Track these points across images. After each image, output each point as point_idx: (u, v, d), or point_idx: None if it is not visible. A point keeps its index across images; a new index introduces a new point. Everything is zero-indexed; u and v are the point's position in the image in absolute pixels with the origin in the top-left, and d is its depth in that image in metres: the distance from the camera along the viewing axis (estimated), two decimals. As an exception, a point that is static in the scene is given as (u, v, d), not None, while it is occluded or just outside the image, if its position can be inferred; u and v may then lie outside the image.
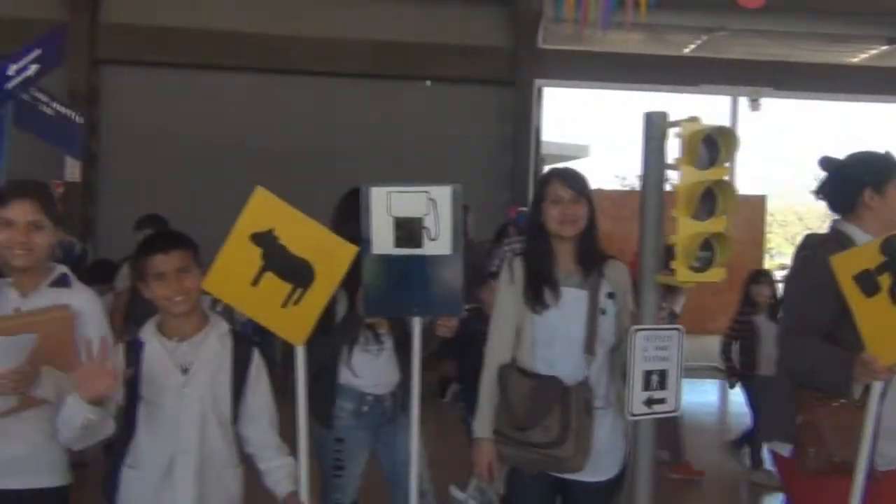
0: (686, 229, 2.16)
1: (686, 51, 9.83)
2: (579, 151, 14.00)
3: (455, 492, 2.67)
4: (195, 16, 8.88)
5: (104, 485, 2.28)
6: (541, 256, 2.53)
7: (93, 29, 8.75)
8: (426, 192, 2.39)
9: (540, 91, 9.60)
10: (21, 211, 2.15)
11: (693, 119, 2.16)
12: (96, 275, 4.49)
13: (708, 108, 9.78)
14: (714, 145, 2.20)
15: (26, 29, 8.29)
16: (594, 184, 2.70)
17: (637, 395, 2.29)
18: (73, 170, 8.36)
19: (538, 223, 2.53)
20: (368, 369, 2.79)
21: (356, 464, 2.81)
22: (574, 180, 2.50)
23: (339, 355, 2.77)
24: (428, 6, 9.11)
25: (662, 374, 2.33)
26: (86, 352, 1.98)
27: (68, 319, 2.18)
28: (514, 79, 9.23)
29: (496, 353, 2.53)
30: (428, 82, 9.33)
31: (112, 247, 6.61)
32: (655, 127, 2.28)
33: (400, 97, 9.21)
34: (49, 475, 2.22)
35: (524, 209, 7.67)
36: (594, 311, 2.46)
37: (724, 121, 8.54)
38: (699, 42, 9.60)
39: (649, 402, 2.32)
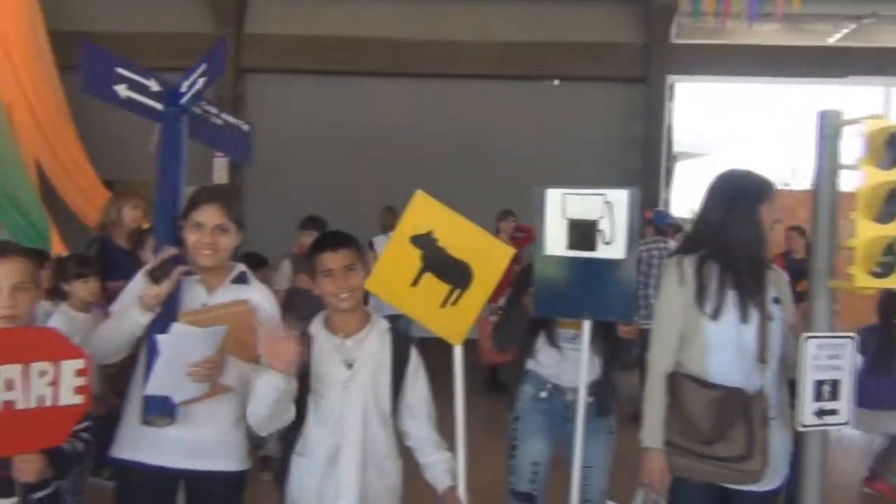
0: (866, 232, 2.04)
1: (831, 40, 9.24)
2: (713, 149, 13.44)
3: None
4: (330, 25, 9.24)
5: (278, 470, 2.42)
6: (751, 265, 2.36)
7: (238, 40, 9.28)
8: (602, 194, 2.39)
9: (672, 87, 9.32)
10: (210, 215, 2.31)
11: (876, 116, 2.03)
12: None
13: (856, 100, 9.13)
14: (896, 144, 2.06)
15: (179, 42, 8.96)
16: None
17: (807, 406, 2.19)
18: (220, 173, 8.89)
19: (760, 229, 2.35)
20: (554, 362, 2.85)
21: (529, 448, 2.85)
22: None
23: (527, 345, 2.87)
24: (555, 5, 9.06)
25: (834, 385, 2.22)
26: (267, 329, 2.10)
27: (249, 313, 2.34)
28: (645, 75, 9.01)
29: (663, 358, 2.40)
30: (555, 81, 9.27)
31: (256, 247, 7.00)
32: (829, 125, 2.17)
33: (525, 98, 9.21)
34: (232, 459, 2.38)
35: (661, 209, 7.47)
36: (764, 318, 2.34)
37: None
38: (846, 31, 9.00)
39: (820, 413, 2.22)
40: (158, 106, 2.57)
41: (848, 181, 2.19)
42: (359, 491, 2.26)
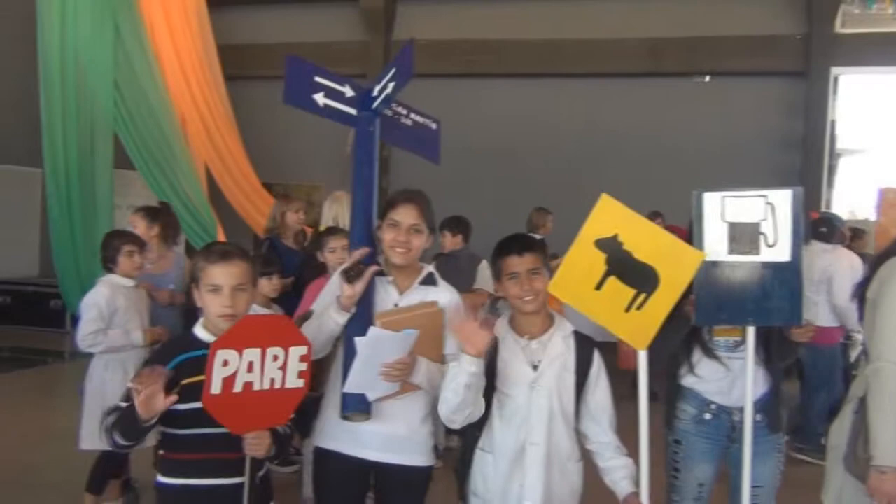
0: None
1: None
2: (879, 145, 12.41)
3: None
4: (474, 28, 9.39)
5: (458, 464, 2.51)
6: None
7: (387, 46, 9.62)
8: (764, 196, 2.31)
9: (836, 80, 8.74)
10: (406, 214, 2.43)
11: None
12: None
13: None
14: None
15: (332, 50, 9.39)
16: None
17: None
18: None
19: None
20: (716, 374, 2.67)
21: (694, 473, 2.72)
22: None
23: (679, 358, 2.73)
24: (706, -2, 8.76)
25: None
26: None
27: (438, 315, 2.44)
28: (805, 68, 8.51)
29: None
30: (707, 77, 8.94)
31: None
32: None
33: (674, 96, 8.95)
34: (420, 455, 2.49)
35: (829, 212, 7.03)
36: None
37: None
38: None
39: None
40: (352, 111, 2.70)
41: None
42: (543, 491, 2.30)
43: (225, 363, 1.99)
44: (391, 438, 2.44)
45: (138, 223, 4.31)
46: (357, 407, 2.37)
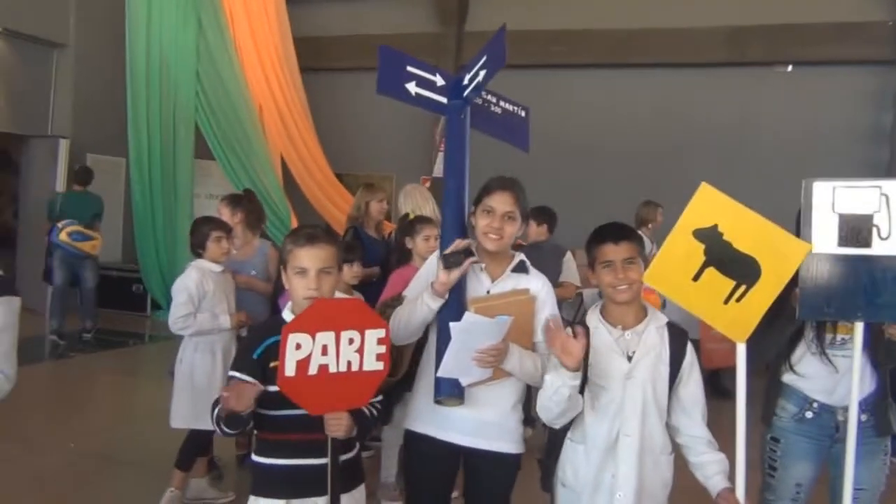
0: None
1: None
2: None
3: None
4: (550, 18, 9.30)
5: (545, 453, 2.50)
6: None
7: (460, 38, 9.62)
8: (878, 186, 2.22)
9: (931, 69, 8.34)
10: (501, 201, 2.43)
11: None
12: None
13: None
14: None
15: (406, 42, 9.44)
16: None
17: None
18: (439, 166, 9.29)
19: None
20: (820, 371, 2.58)
21: (792, 473, 2.64)
22: None
23: (782, 353, 2.65)
24: (792, -15, 8.45)
25: None
26: (556, 325, 2.17)
27: (529, 302, 2.44)
28: (896, 57, 8.14)
29: None
30: (789, 67, 8.64)
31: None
32: None
33: (758, 85, 8.68)
34: (510, 442, 2.49)
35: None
36: None
37: None
38: None
39: None
40: (443, 99, 2.72)
41: None
42: (636, 483, 2.27)
43: (298, 346, 2.02)
44: (482, 424, 2.45)
45: (223, 210, 4.42)
46: (451, 392, 2.39)
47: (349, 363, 2.10)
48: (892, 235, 2.20)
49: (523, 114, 3.07)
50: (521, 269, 2.55)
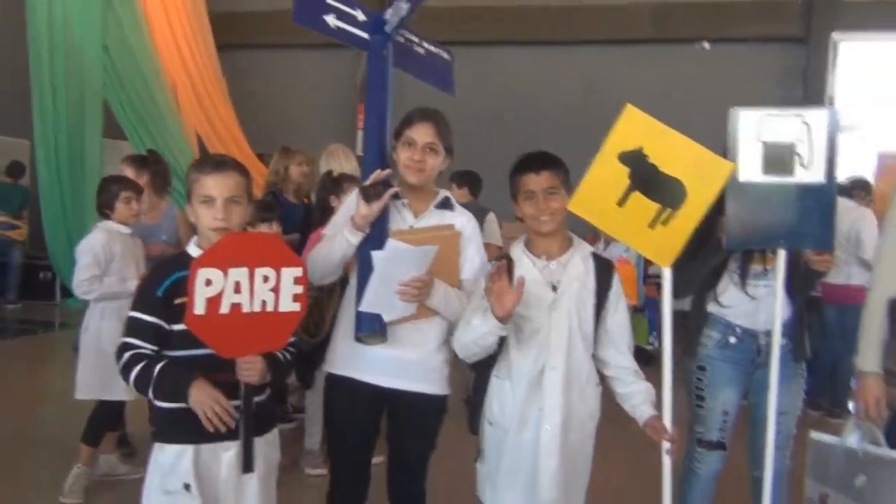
0: None
1: None
2: (879, 114, 12.33)
3: (821, 436, 2.45)
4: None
5: (472, 391, 2.42)
6: None
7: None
8: (800, 115, 2.24)
9: (836, 47, 8.67)
10: (422, 133, 2.34)
11: None
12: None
13: None
14: None
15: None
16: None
17: None
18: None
19: None
20: (741, 301, 2.62)
21: (719, 399, 2.66)
22: None
23: (707, 285, 2.66)
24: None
25: None
26: (493, 273, 2.09)
27: (455, 237, 2.36)
28: (806, 34, 8.43)
29: (885, 282, 2.31)
30: (706, 45, 8.85)
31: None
32: None
33: (677, 62, 8.86)
34: (434, 383, 2.40)
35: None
36: None
37: None
38: None
39: None
40: (364, 35, 2.61)
41: None
42: (562, 415, 2.22)
43: (208, 283, 1.89)
44: (405, 364, 2.35)
45: (127, 172, 4.17)
46: (372, 328, 2.28)
47: (264, 303, 1.98)
48: (813, 163, 2.22)
49: (447, 56, 3.00)
50: (445, 205, 2.47)
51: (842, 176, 8.65)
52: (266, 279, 1.97)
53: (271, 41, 9.38)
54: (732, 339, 2.66)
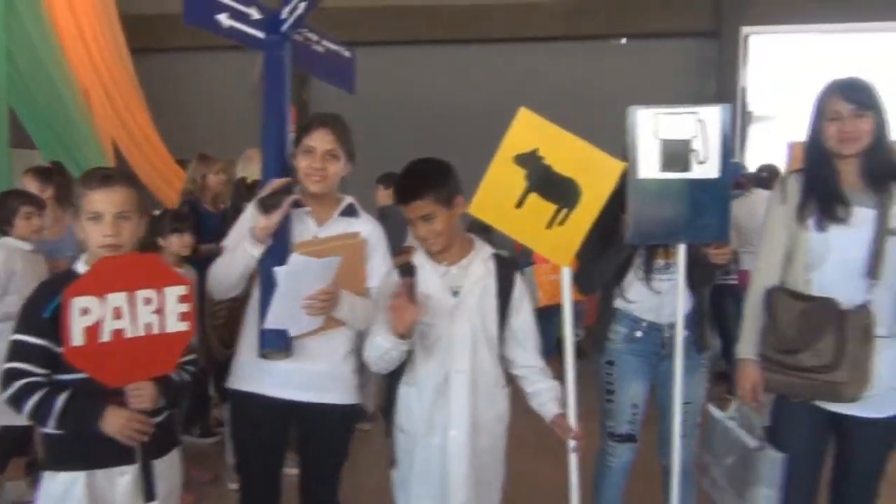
0: None
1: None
2: (791, 106, 12.79)
3: (714, 410, 2.54)
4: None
5: (383, 400, 2.40)
6: (822, 174, 2.32)
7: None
8: (695, 112, 2.30)
9: (746, 40, 8.96)
10: (321, 139, 2.30)
11: None
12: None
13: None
14: None
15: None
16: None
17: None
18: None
19: (817, 140, 2.32)
20: (646, 296, 2.69)
21: (627, 392, 2.73)
22: (857, 92, 2.26)
23: (613, 281, 2.73)
24: (621, -41, 8.83)
25: None
26: (398, 288, 2.10)
27: (360, 245, 2.33)
28: (718, 28, 8.68)
29: (763, 274, 2.39)
30: (623, 40, 9.03)
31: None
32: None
33: (595, 58, 8.99)
34: (342, 392, 2.38)
35: (734, 160, 7.22)
36: (882, 232, 2.23)
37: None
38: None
39: None
40: (260, 34, 2.56)
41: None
42: (470, 419, 2.22)
43: (85, 311, 1.82)
44: (312, 376, 2.32)
45: (30, 184, 4.00)
46: (276, 344, 2.23)
47: (148, 326, 1.92)
48: (708, 159, 2.29)
49: (347, 54, 2.96)
50: (350, 212, 2.44)
51: (753, 165, 9.04)
52: (148, 301, 1.91)
53: (188, 43, 9.13)
54: (638, 333, 2.73)
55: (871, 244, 2.23)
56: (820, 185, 2.31)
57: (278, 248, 2.25)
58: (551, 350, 5.97)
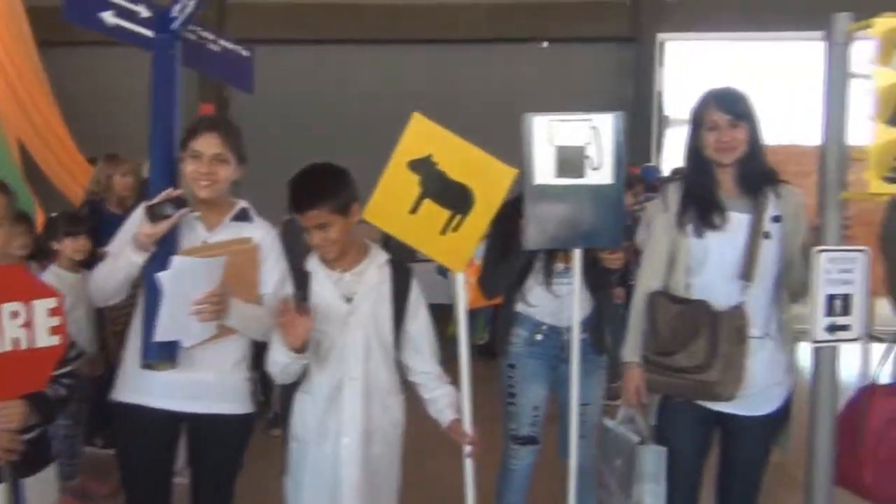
0: (881, 136, 1.97)
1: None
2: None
3: (605, 420, 2.60)
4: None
5: (281, 408, 2.36)
6: (701, 182, 2.40)
7: (221, 9, 9.12)
8: (588, 120, 2.34)
9: (662, 46, 9.22)
10: (208, 143, 2.22)
11: (888, 16, 1.96)
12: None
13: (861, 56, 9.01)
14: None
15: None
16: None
17: (819, 321, 2.14)
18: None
19: (696, 149, 2.39)
20: (546, 300, 2.74)
21: (528, 395, 2.77)
22: (732, 103, 2.34)
23: (514, 285, 2.76)
24: (543, -36, 8.96)
25: (846, 299, 2.16)
26: (287, 302, 2.07)
27: (252, 251, 2.26)
28: (635, 34, 8.91)
29: (646, 279, 2.45)
30: (544, 43, 9.17)
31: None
32: (839, 31, 2.09)
33: (516, 61, 9.11)
34: (234, 402, 2.31)
35: (650, 164, 7.42)
36: (755, 236, 2.31)
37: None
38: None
39: (832, 329, 2.16)
40: (149, 33, 2.46)
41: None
42: (362, 427, 2.21)
43: None
44: (202, 386, 2.24)
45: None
46: (159, 354, 2.15)
47: (16, 341, 1.82)
48: (602, 165, 2.33)
49: (246, 54, 2.89)
50: (242, 217, 2.36)
51: (669, 169, 9.28)
52: (15, 315, 1.82)
53: (96, 38, 8.78)
54: (539, 337, 2.78)
55: (745, 248, 2.31)
56: (698, 193, 2.38)
57: (164, 255, 2.16)
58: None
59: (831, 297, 2.14)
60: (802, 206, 2.39)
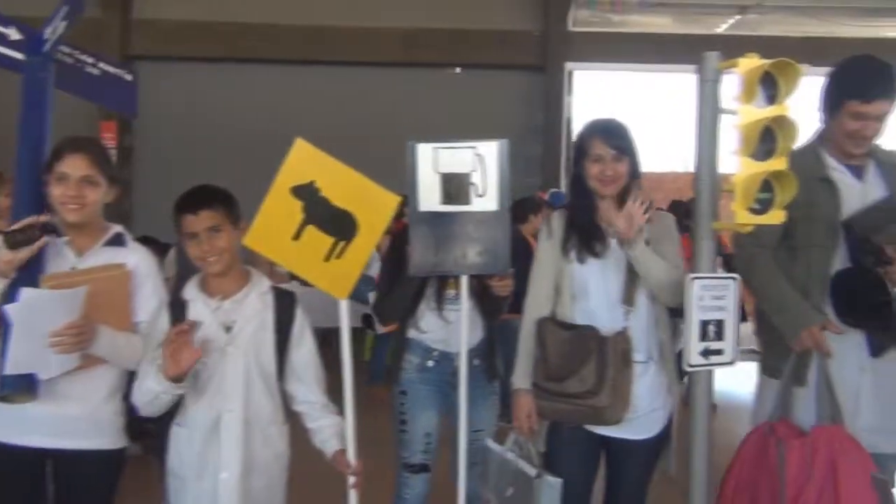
0: (745, 169, 2.06)
1: (719, 30, 9.64)
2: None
3: (492, 444, 2.59)
4: (225, 10, 8.94)
5: (157, 441, 2.25)
6: (583, 211, 2.46)
7: (125, 26, 8.85)
8: (473, 147, 2.36)
9: (570, 75, 9.50)
10: (75, 165, 2.13)
11: (751, 56, 2.06)
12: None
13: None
14: (773, 83, 2.10)
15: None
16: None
17: (694, 346, 2.20)
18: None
19: (580, 178, 2.45)
20: (438, 326, 2.72)
21: (420, 422, 2.74)
22: (615, 137, 2.41)
23: (407, 312, 2.75)
24: (456, -8, 9.10)
25: (719, 325, 2.23)
26: (175, 331, 2.00)
27: (123, 277, 2.17)
28: (544, 63, 9.14)
29: (534, 306, 2.48)
30: (457, 69, 9.29)
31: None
32: (710, 68, 2.18)
33: (430, 85, 9.19)
34: (104, 437, 2.20)
35: (556, 190, 7.58)
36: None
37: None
38: (733, 20, 9.41)
39: (706, 353, 2.23)
40: (20, 56, 2.36)
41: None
42: (242, 461, 2.13)
43: None
44: (68, 421, 2.13)
45: None
46: (16, 385, 2.02)
47: None
48: (487, 192, 2.35)
49: (129, 78, 2.80)
50: (116, 241, 2.27)
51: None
52: None
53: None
54: (430, 363, 2.76)
55: (625, 273, 2.38)
56: (580, 221, 2.44)
57: (26, 281, 2.05)
58: (380, 376, 5.95)
59: (705, 323, 2.21)
60: (672, 228, 2.49)
